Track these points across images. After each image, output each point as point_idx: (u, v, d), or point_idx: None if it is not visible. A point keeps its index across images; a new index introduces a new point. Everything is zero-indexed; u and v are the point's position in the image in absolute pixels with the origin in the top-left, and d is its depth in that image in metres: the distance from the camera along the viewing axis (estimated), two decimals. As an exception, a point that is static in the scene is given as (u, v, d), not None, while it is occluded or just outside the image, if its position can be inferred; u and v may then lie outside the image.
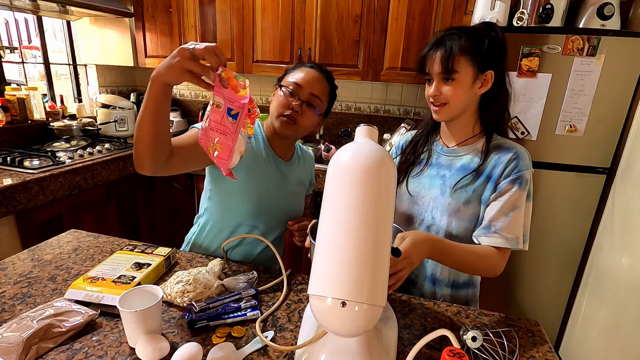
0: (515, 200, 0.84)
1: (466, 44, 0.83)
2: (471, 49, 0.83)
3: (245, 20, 2.13)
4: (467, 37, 0.84)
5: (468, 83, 0.84)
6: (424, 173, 0.98)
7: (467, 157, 0.92)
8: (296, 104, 0.96)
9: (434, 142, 1.00)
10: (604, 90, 1.47)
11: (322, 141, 2.34)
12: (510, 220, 0.84)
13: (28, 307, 0.77)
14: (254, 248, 1.08)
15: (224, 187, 1.03)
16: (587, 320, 1.59)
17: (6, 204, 1.45)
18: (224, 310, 0.76)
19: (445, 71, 0.83)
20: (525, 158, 0.87)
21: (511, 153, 0.87)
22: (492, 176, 0.87)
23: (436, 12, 1.83)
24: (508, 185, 0.85)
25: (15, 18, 2.17)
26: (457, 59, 0.82)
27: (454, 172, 0.92)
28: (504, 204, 0.85)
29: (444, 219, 0.92)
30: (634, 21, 1.58)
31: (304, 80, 0.98)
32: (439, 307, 0.86)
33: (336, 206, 0.55)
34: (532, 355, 0.72)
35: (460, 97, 0.85)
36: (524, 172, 0.85)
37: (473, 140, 0.93)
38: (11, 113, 1.97)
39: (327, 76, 1.03)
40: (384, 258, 0.53)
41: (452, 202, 0.90)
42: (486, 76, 0.85)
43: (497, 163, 0.87)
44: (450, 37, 0.85)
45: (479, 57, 0.83)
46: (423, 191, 0.96)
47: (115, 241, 1.07)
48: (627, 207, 1.44)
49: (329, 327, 0.52)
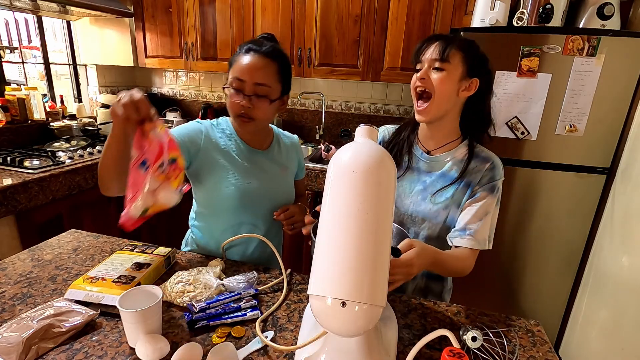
0: (487, 206, 0.91)
1: (463, 44, 0.88)
2: (466, 50, 0.88)
3: (245, 20, 2.13)
4: (464, 41, 0.89)
5: (456, 78, 0.87)
6: (405, 177, 1.00)
7: (448, 164, 0.96)
8: (244, 103, 0.93)
9: (414, 144, 1.02)
10: (604, 90, 1.47)
11: (322, 141, 2.34)
12: (482, 224, 0.90)
13: (28, 307, 0.77)
14: (248, 246, 1.08)
15: (205, 189, 1.03)
16: (587, 320, 1.59)
17: (6, 204, 1.45)
18: (224, 310, 0.76)
19: (440, 59, 0.86)
20: (500, 168, 0.93)
21: (488, 163, 0.93)
22: (471, 183, 0.93)
23: (436, 12, 1.83)
24: (483, 193, 0.91)
25: (15, 18, 2.16)
26: (453, 52, 0.86)
27: (435, 179, 0.96)
28: (478, 209, 0.90)
29: (425, 224, 0.96)
30: (634, 21, 1.58)
31: (244, 72, 0.92)
32: (439, 307, 0.86)
33: (336, 206, 0.55)
34: (532, 355, 0.72)
35: (446, 89, 0.87)
36: (497, 181, 0.92)
37: (452, 146, 0.96)
38: (11, 113, 1.97)
39: (270, 54, 0.94)
40: (384, 258, 0.53)
41: (432, 207, 0.95)
42: (472, 82, 0.88)
43: (475, 171, 0.93)
44: (449, 36, 0.89)
45: (470, 60, 0.88)
46: (403, 195, 0.99)
47: (115, 241, 1.07)
48: (627, 207, 1.44)
49: (329, 327, 0.52)
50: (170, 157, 0.69)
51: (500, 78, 1.54)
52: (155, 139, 0.69)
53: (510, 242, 1.72)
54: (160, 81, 2.82)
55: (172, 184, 0.69)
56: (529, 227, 1.69)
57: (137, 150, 0.71)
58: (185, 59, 2.32)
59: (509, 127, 1.58)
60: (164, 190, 0.69)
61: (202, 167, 1.00)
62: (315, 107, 2.53)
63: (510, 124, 1.58)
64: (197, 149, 0.99)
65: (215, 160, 1.00)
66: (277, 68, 0.95)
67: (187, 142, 0.97)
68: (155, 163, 0.67)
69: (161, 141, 0.69)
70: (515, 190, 1.66)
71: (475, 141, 0.96)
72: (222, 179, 1.00)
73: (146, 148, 0.69)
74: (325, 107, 2.47)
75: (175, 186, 0.69)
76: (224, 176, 1.00)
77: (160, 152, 0.68)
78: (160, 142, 0.69)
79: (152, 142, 0.69)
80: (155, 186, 0.67)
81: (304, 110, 2.55)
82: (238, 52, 0.96)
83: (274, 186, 1.08)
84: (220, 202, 1.03)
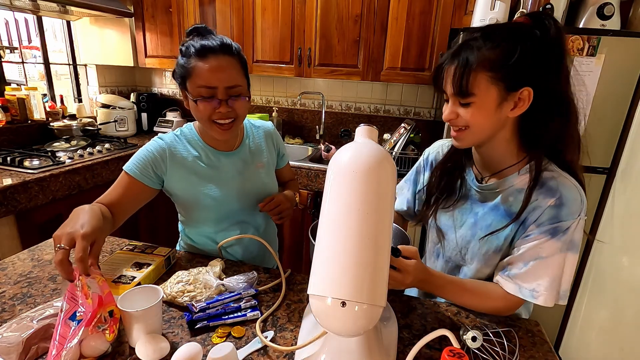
0: (540, 251, 0.72)
1: (489, 56, 0.65)
2: (498, 64, 0.64)
3: (245, 20, 2.13)
4: (493, 44, 0.65)
5: (491, 106, 0.67)
6: (457, 207, 0.85)
7: (501, 194, 0.77)
8: (223, 110, 0.86)
9: (468, 169, 0.85)
10: (604, 90, 1.47)
11: (322, 141, 2.34)
12: (528, 270, 0.73)
13: (28, 307, 0.77)
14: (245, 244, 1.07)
15: (182, 204, 1.02)
16: (587, 320, 1.59)
17: (6, 204, 1.45)
18: (224, 310, 0.76)
19: (459, 93, 0.68)
20: (572, 204, 0.70)
21: (553, 198, 0.70)
22: (526, 221, 0.74)
23: (436, 12, 1.83)
24: (538, 235, 0.72)
25: (15, 18, 2.16)
26: (474, 78, 0.66)
27: (487, 211, 0.79)
28: (526, 250, 0.73)
29: (474, 263, 0.83)
30: (634, 21, 1.58)
31: (213, 78, 0.84)
32: (439, 307, 0.86)
33: (336, 206, 0.55)
34: (532, 355, 0.72)
35: (482, 122, 0.69)
36: (563, 223, 0.70)
37: (510, 172, 0.76)
38: (11, 113, 1.97)
39: (228, 49, 0.87)
40: (384, 258, 0.53)
41: (481, 247, 0.80)
42: (521, 94, 0.66)
43: (534, 207, 0.72)
44: (469, 45, 0.67)
45: (507, 73, 0.65)
46: (455, 227, 0.86)
47: (115, 241, 1.07)
48: (627, 207, 1.44)
49: (329, 327, 0.52)
50: (108, 310, 0.64)
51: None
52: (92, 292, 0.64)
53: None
54: (160, 81, 2.82)
55: (107, 337, 0.64)
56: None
57: (68, 302, 0.65)
58: (185, 59, 2.31)
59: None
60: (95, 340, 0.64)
61: (174, 186, 0.97)
62: (315, 107, 2.53)
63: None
64: (163, 171, 0.95)
65: (185, 177, 0.97)
66: (239, 62, 0.89)
67: (151, 167, 0.93)
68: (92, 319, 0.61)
69: (99, 294, 0.63)
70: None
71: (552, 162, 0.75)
72: (197, 193, 0.97)
73: (81, 302, 0.64)
74: (325, 107, 2.47)
75: (111, 339, 0.65)
76: (198, 190, 0.97)
77: (100, 305, 0.62)
78: (99, 296, 0.63)
79: (87, 295, 0.63)
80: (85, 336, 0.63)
81: (304, 110, 2.55)
82: (190, 54, 0.85)
83: (252, 185, 1.04)
84: (200, 214, 1.01)
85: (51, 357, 0.60)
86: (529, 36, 0.65)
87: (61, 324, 0.63)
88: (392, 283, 0.71)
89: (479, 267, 0.83)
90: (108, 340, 0.64)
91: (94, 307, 0.62)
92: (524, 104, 0.68)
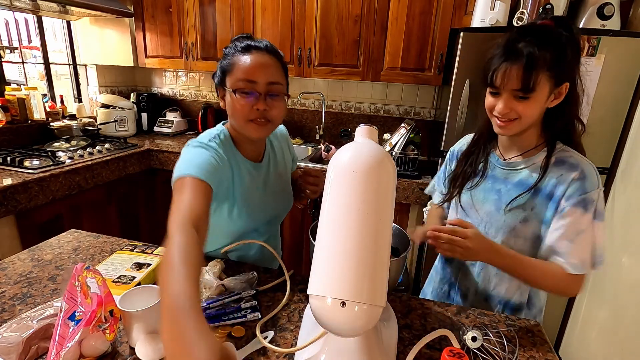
0: (579, 225, 0.78)
1: (548, 57, 0.73)
2: (553, 63, 0.73)
3: (245, 20, 2.13)
4: (548, 47, 0.73)
5: (543, 100, 0.76)
6: (479, 186, 0.91)
7: (526, 171, 0.85)
8: (261, 106, 0.83)
9: (491, 152, 0.93)
10: (604, 90, 1.47)
11: (322, 141, 2.34)
12: (574, 247, 0.78)
13: (28, 307, 0.77)
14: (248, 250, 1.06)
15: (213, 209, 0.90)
16: (587, 320, 1.59)
17: (6, 204, 1.45)
18: (224, 310, 0.76)
19: (524, 89, 0.74)
20: (592, 176, 0.79)
21: (576, 172, 0.78)
22: (554, 196, 0.80)
23: (436, 12, 1.83)
24: (571, 209, 0.78)
25: (15, 18, 2.16)
26: (536, 76, 0.73)
27: (510, 187, 0.86)
28: (567, 229, 0.78)
29: (499, 236, 0.87)
30: (634, 21, 1.58)
31: (255, 72, 0.83)
32: (439, 307, 0.86)
33: (336, 206, 0.55)
34: (532, 355, 0.72)
35: (533, 114, 0.78)
36: (589, 194, 0.77)
37: (533, 152, 0.85)
38: (11, 113, 1.97)
39: (272, 50, 0.87)
40: (384, 258, 0.53)
41: (507, 219, 0.85)
42: (561, 89, 0.77)
43: (559, 181, 0.80)
44: (529, 46, 0.74)
45: (558, 71, 0.74)
46: (477, 205, 0.91)
47: (115, 241, 1.07)
48: (627, 207, 1.44)
49: (329, 327, 0.52)
50: (109, 310, 0.64)
51: (500, 78, 1.54)
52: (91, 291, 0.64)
53: (510, 242, 1.71)
54: (160, 81, 2.82)
55: (107, 337, 0.64)
56: (529, 227, 1.69)
57: (67, 302, 0.65)
58: (185, 59, 2.32)
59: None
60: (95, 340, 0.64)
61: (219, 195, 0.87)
62: (315, 107, 2.53)
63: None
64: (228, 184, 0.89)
65: (231, 187, 0.91)
66: (281, 64, 0.89)
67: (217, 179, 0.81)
68: (91, 319, 0.61)
69: (98, 294, 0.63)
70: (515, 190, 1.66)
71: (564, 142, 0.84)
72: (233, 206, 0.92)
73: (80, 301, 0.64)
74: (325, 107, 2.47)
75: (111, 338, 0.64)
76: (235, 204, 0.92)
77: (99, 305, 0.62)
78: (98, 296, 0.63)
79: (87, 295, 0.63)
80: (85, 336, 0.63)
81: (304, 110, 2.55)
82: (233, 52, 0.85)
83: (274, 196, 1.03)
84: (224, 225, 0.96)
85: (51, 357, 0.60)
86: (563, 37, 0.74)
87: (60, 324, 0.63)
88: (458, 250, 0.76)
89: (505, 240, 0.87)
90: (108, 340, 0.64)
91: (94, 307, 0.62)
92: (562, 96, 0.78)
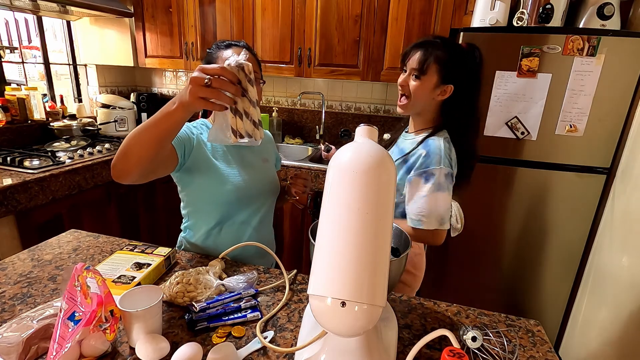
0: (419, 191, 0.99)
1: (441, 56, 0.99)
2: (442, 62, 0.99)
3: (245, 20, 2.12)
4: (445, 51, 0.99)
5: (430, 86, 1.01)
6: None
7: (409, 142, 1.09)
8: None
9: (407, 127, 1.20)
10: (604, 90, 1.47)
11: (322, 141, 2.34)
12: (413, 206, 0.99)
13: (28, 307, 0.77)
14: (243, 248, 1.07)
15: (198, 186, 1.02)
16: (587, 320, 1.59)
17: (6, 204, 1.45)
18: (224, 310, 0.76)
19: (419, 70, 1.00)
20: (435, 156, 0.99)
21: (424, 150, 1.01)
22: (407, 164, 1.05)
23: (436, 12, 1.83)
24: (415, 178, 1.00)
25: (15, 18, 2.16)
26: (430, 65, 0.99)
27: (396, 151, 1.13)
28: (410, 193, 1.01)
29: None
30: (634, 21, 1.58)
31: None
32: (439, 307, 0.86)
33: (336, 206, 0.55)
34: (532, 355, 0.72)
35: (420, 95, 1.02)
36: (432, 169, 0.98)
37: (422, 133, 1.08)
38: (11, 113, 1.97)
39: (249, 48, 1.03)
40: (384, 258, 0.53)
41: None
42: (446, 88, 1.01)
43: (414, 154, 1.03)
44: (433, 45, 1.00)
45: (445, 71, 0.99)
46: None
47: (115, 241, 1.07)
48: (627, 207, 1.44)
49: (329, 327, 0.52)
50: (109, 310, 0.64)
51: (500, 78, 1.54)
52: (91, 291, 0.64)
53: (510, 241, 1.72)
54: (160, 81, 2.82)
55: (107, 337, 0.64)
56: (528, 227, 1.69)
57: (67, 302, 0.65)
58: (185, 59, 2.32)
59: (509, 127, 1.58)
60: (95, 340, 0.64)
61: (196, 164, 1.00)
62: (315, 107, 2.53)
63: (510, 124, 1.58)
64: (191, 147, 0.99)
65: (208, 158, 1.02)
66: (257, 62, 1.07)
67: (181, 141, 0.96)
68: (91, 319, 0.61)
69: (98, 294, 0.63)
70: (515, 191, 1.66)
71: (454, 133, 1.05)
72: (217, 175, 1.01)
73: (80, 301, 0.64)
74: (325, 107, 2.47)
75: (111, 338, 0.64)
76: (218, 172, 1.02)
77: (99, 305, 0.62)
78: (98, 296, 0.63)
79: (86, 295, 0.63)
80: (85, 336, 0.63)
81: (304, 110, 2.55)
82: (216, 49, 1.02)
83: (260, 178, 1.10)
84: (215, 197, 1.03)
85: (51, 357, 0.60)
86: (465, 54, 1.04)
87: (60, 324, 0.63)
88: None
89: None
90: (108, 340, 0.64)
91: (94, 307, 0.62)
92: (446, 94, 1.03)
